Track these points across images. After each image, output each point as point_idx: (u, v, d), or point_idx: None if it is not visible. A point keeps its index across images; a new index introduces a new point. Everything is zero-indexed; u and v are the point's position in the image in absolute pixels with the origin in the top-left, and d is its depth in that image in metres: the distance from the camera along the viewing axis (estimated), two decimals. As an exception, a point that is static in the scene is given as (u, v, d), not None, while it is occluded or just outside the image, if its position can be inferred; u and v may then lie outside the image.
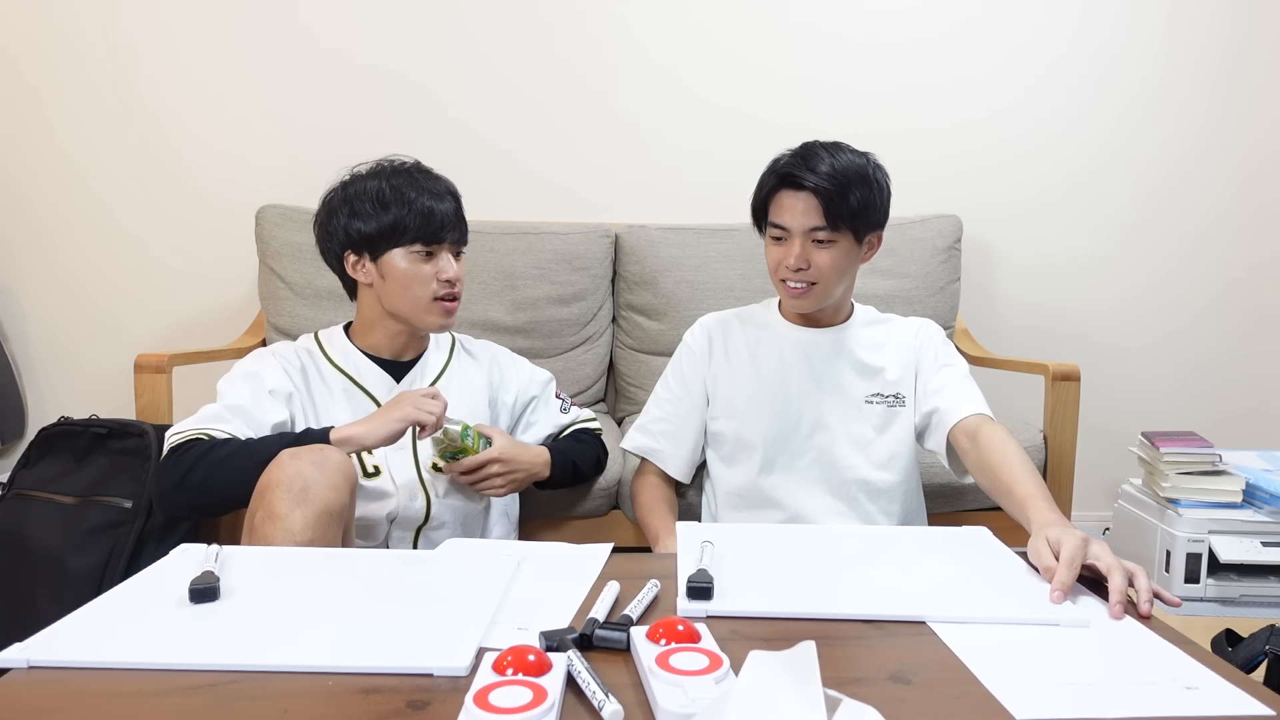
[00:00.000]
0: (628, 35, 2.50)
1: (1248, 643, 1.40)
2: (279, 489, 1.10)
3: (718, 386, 1.54)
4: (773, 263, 1.44)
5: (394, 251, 1.40)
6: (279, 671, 0.72)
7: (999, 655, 0.76)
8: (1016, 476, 1.18)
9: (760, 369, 1.51)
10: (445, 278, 1.41)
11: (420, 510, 1.40)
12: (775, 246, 1.43)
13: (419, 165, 1.48)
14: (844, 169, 1.37)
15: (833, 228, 1.37)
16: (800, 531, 1.19)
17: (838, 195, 1.35)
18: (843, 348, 1.50)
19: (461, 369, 1.55)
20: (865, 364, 1.49)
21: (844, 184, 1.36)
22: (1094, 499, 2.63)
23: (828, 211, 1.36)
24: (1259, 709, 0.67)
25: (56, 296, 2.50)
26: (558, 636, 0.76)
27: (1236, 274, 2.65)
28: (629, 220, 2.42)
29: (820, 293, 1.42)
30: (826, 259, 1.39)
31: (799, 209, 1.38)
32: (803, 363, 1.49)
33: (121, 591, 0.88)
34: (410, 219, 1.39)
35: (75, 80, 2.43)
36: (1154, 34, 2.56)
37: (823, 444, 1.47)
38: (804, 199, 1.37)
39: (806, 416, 1.48)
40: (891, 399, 1.48)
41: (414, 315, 1.43)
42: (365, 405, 1.43)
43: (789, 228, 1.39)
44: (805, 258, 1.39)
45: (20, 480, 1.69)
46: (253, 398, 1.35)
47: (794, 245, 1.39)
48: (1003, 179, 2.59)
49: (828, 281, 1.41)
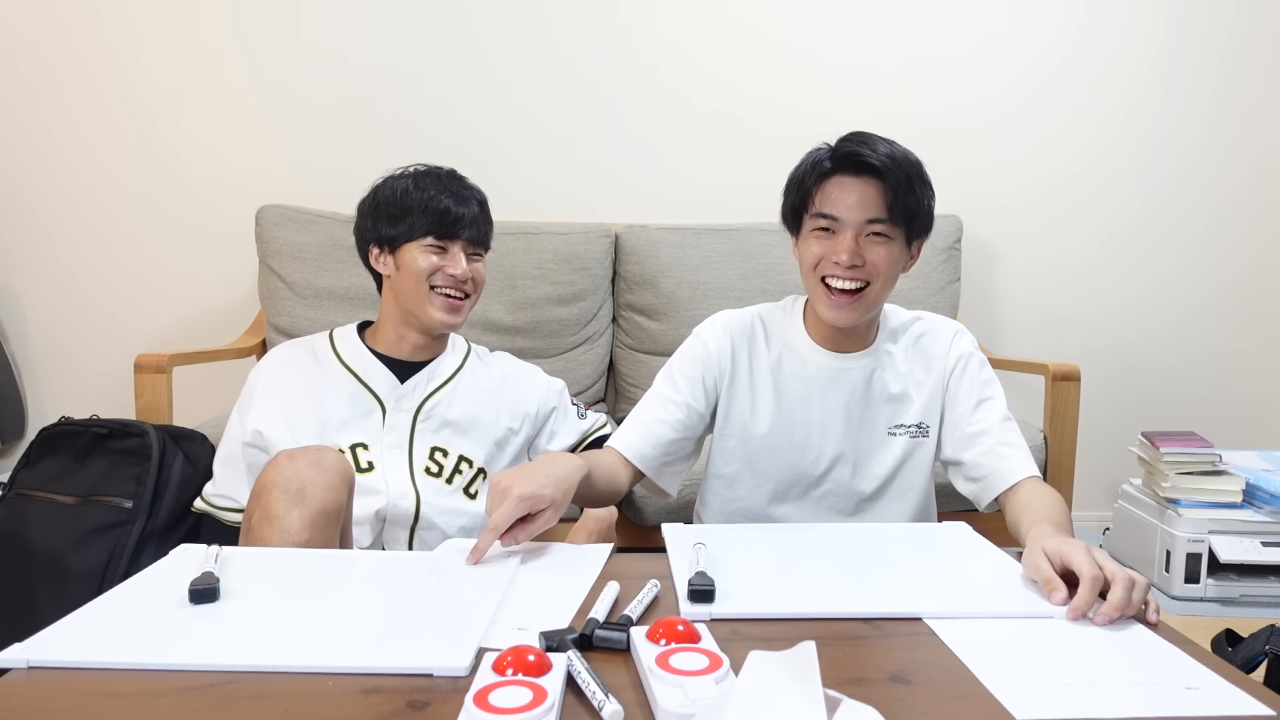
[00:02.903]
0: (628, 37, 2.50)
1: (1248, 643, 1.39)
2: (276, 490, 1.10)
3: (733, 405, 1.35)
4: (812, 258, 1.23)
5: (409, 244, 1.44)
6: (279, 672, 0.72)
7: (999, 655, 0.76)
8: (1040, 509, 1.11)
9: (784, 398, 1.33)
10: (452, 272, 1.43)
11: (410, 510, 1.40)
12: (818, 240, 1.22)
13: (451, 171, 1.51)
14: (904, 157, 1.20)
15: (893, 221, 1.19)
16: (787, 531, 1.19)
17: (903, 182, 1.18)
18: (872, 376, 1.33)
19: (473, 376, 1.54)
20: (893, 393, 1.33)
21: (909, 172, 1.19)
22: (1094, 499, 2.63)
23: (892, 201, 1.18)
24: (1259, 709, 0.67)
25: (56, 296, 2.50)
26: (558, 636, 0.76)
27: (1236, 274, 2.65)
28: (629, 220, 2.42)
29: (871, 298, 1.23)
30: (883, 255, 1.20)
31: (854, 198, 1.19)
32: (829, 395, 1.32)
33: (121, 592, 0.88)
34: (427, 212, 1.43)
35: (76, 81, 2.43)
36: (1154, 35, 2.56)
37: (842, 478, 1.34)
38: (861, 186, 1.19)
39: (827, 453, 1.33)
40: (914, 429, 1.33)
41: (419, 307, 1.45)
42: (368, 403, 1.44)
43: (842, 218, 1.20)
44: (859, 254, 1.19)
45: (21, 480, 1.69)
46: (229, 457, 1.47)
47: (845, 237, 1.19)
48: (1003, 179, 2.59)
49: (883, 283, 1.22)
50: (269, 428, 1.41)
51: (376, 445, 1.42)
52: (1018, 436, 1.29)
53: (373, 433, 1.43)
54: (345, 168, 2.42)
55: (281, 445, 1.38)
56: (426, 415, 1.46)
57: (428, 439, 1.45)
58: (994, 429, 1.28)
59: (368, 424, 1.43)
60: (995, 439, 1.27)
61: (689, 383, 1.34)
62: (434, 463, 1.45)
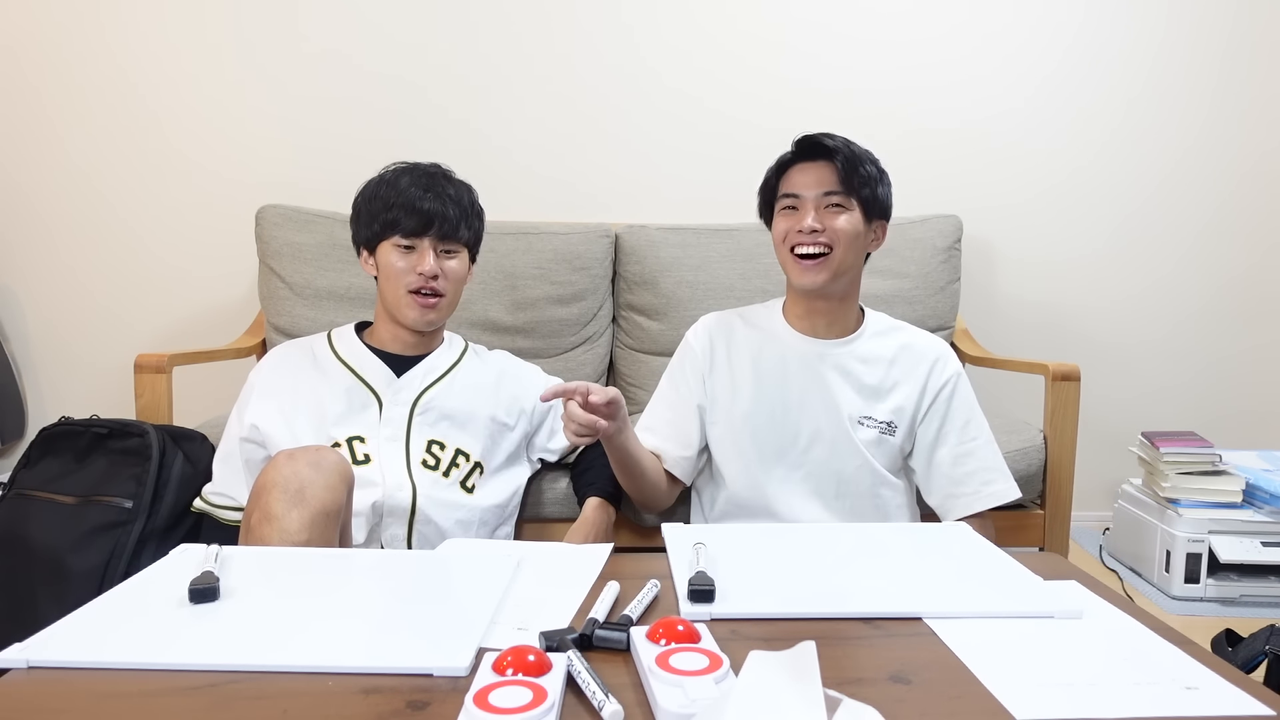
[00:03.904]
0: (628, 36, 2.50)
1: (1248, 643, 1.40)
2: (275, 490, 1.10)
3: (718, 391, 1.49)
4: (781, 233, 1.42)
5: (383, 244, 1.47)
6: (278, 671, 0.72)
7: (999, 655, 0.76)
8: None
9: (762, 377, 1.46)
10: (420, 271, 1.44)
11: (406, 502, 1.40)
12: (785, 217, 1.42)
13: (431, 167, 1.51)
14: (855, 146, 1.41)
15: (847, 192, 1.38)
16: (787, 531, 1.20)
17: (853, 162, 1.38)
18: (847, 364, 1.45)
19: (469, 371, 1.55)
20: (866, 385, 1.45)
21: (858, 156, 1.39)
22: (1094, 499, 2.62)
23: (844, 176, 1.37)
24: (1259, 709, 0.67)
25: (56, 296, 2.50)
26: (558, 636, 0.76)
27: (1236, 273, 2.65)
28: (629, 220, 2.41)
29: (836, 262, 1.39)
30: (841, 223, 1.38)
31: (812, 177, 1.40)
32: (805, 373, 1.45)
33: (121, 592, 0.88)
34: (392, 211, 1.44)
35: (76, 80, 2.43)
36: (1154, 35, 2.56)
37: (820, 457, 1.44)
38: (818, 169, 1.39)
39: (805, 429, 1.44)
40: (884, 426, 1.44)
41: (396, 309, 1.47)
42: (364, 397, 1.45)
43: (803, 195, 1.39)
44: (819, 220, 1.38)
45: (21, 480, 1.69)
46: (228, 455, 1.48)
47: (807, 209, 1.39)
48: (1003, 179, 2.59)
49: (844, 248, 1.38)
50: (266, 422, 1.41)
51: (374, 438, 1.42)
52: (998, 455, 1.47)
53: (370, 426, 1.43)
54: (345, 168, 2.41)
55: (279, 440, 1.39)
56: (424, 409, 1.46)
57: (425, 432, 1.45)
58: (979, 458, 1.45)
59: (365, 417, 1.44)
60: (979, 476, 1.44)
61: (684, 382, 1.52)
62: (431, 456, 1.45)
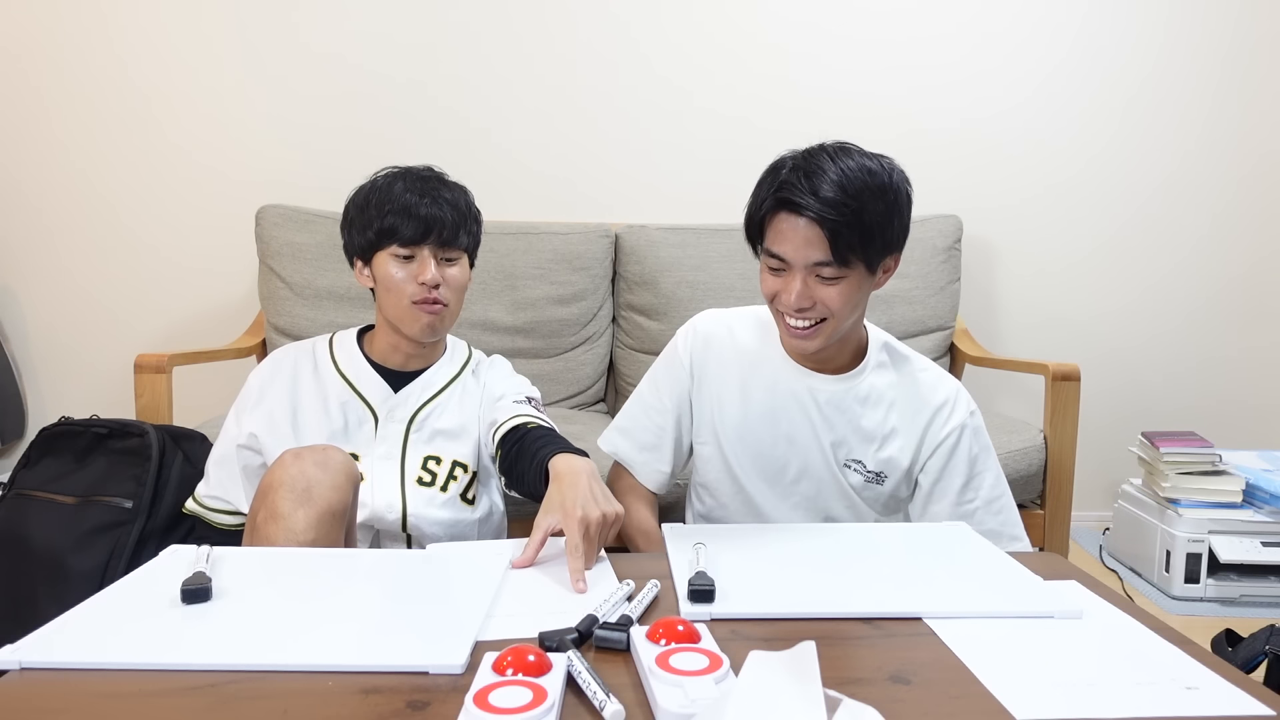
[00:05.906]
0: (628, 36, 2.50)
1: (1248, 643, 1.40)
2: (282, 489, 1.10)
3: (703, 409, 1.37)
4: (769, 292, 1.22)
5: (379, 254, 1.39)
6: (275, 671, 0.72)
7: (999, 655, 0.76)
8: None
9: (749, 405, 1.32)
10: (422, 280, 1.36)
11: (396, 522, 1.37)
12: (773, 277, 1.21)
13: (424, 170, 1.44)
14: (854, 183, 1.13)
15: (841, 263, 1.15)
16: (788, 531, 1.19)
17: (846, 225, 1.12)
18: (844, 402, 1.29)
19: (464, 387, 1.49)
20: (861, 427, 1.30)
21: (855, 208, 1.13)
22: (1094, 499, 2.62)
23: (834, 244, 1.13)
24: (1259, 709, 0.67)
25: (56, 296, 2.50)
26: (558, 636, 0.76)
27: (1236, 274, 2.65)
28: (629, 220, 2.42)
29: (829, 330, 1.21)
30: (835, 295, 1.17)
31: (800, 239, 1.15)
32: (794, 408, 1.30)
33: (112, 593, 0.88)
34: (388, 218, 1.36)
35: (76, 80, 2.43)
36: (1155, 35, 2.56)
37: (808, 492, 1.33)
38: (806, 227, 1.14)
39: (793, 463, 1.32)
40: (871, 476, 1.31)
41: (400, 321, 1.39)
42: (360, 412, 1.42)
43: (789, 260, 1.16)
44: (808, 295, 1.17)
45: (21, 480, 1.69)
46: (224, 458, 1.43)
47: (794, 280, 1.17)
48: (1003, 179, 2.59)
49: (838, 318, 1.20)
50: (264, 434, 1.39)
51: (368, 456, 1.38)
52: (1012, 507, 1.32)
53: (365, 443, 1.40)
54: (345, 168, 2.39)
55: (276, 452, 1.35)
56: (419, 426, 1.42)
57: (420, 449, 1.41)
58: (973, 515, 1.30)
59: (360, 434, 1.40)
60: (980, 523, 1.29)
61: (667, 392, 1.40)
62: (427, 472, 1.40)
